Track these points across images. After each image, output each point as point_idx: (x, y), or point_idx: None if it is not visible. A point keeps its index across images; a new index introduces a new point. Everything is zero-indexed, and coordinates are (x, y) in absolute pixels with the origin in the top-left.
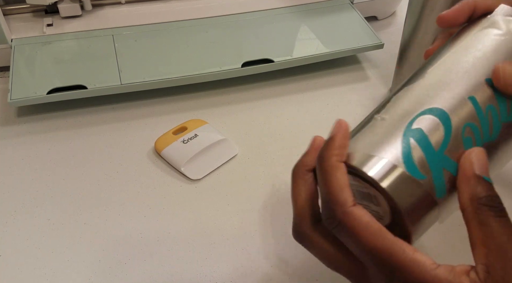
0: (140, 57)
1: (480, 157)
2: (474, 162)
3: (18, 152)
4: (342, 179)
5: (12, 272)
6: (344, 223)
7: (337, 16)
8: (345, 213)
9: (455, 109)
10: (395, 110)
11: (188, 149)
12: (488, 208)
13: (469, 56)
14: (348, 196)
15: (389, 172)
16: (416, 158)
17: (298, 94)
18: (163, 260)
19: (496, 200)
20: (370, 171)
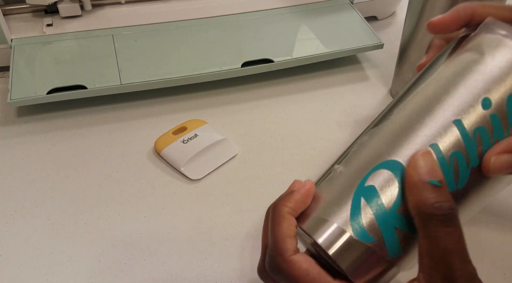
0: (140, 57)
1: (426, 160)
2: (420, 166)
3: (18, 152)
4: (288, 229)
5: (12, 272)
6: (285, 270)
7: (337, 16)
8: (284, 261)
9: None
10: (353, 162)
11: (188, 149)
12: (436, 217)
13: (438, 92)
14: (290, 245)
15: (334, 236)
16: (364, 220)
17: (298, 94)
18: (163, 260)
19: (446, 206)
20: (316, 236)
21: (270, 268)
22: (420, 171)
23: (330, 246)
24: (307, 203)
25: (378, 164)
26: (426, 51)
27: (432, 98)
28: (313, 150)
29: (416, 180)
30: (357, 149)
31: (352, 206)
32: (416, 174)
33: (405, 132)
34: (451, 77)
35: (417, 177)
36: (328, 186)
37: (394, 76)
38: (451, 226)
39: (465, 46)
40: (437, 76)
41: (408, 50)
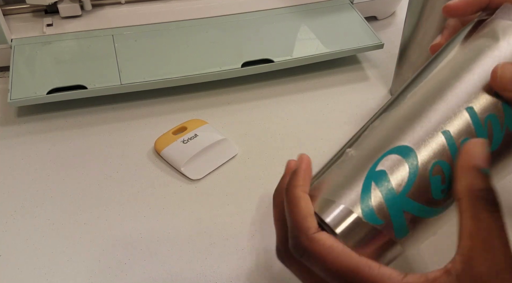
0: (140, 57)
1: (480, 148)
2: (475, 153)
3: (18, 152)
4: (306, 208)
5: (12, 272)
6: (309, 249)
7: (337, 16)
8: (308, 239)
9: (424, 146)
10: (364, 146)
11: (188, 149)
12: (484, 201)
13: (451, 78)
14: (311, 223)
15: (344, 218)
16: (374, 203)
17: (298, 94)
18: (163, 260)
19: (493, 194)
20: (326, 216)
21: (294, 249)
22: (477, 157)
23: (337, 225)
24: (311, 175)
25: (390, 149)
26: (442, 31)
27: (445, 84)
28: (313, 150)
29: (470, 165)
30: (368, 133)
31: (362, 189)
32: (473, 159)
33: (417, 118)
34: (465, 63)
35: (473, 162)
36: (339, 169)
37: (394, 76)
38: (497, 211)
39: (480, 31)
40: (451, 62)
41: (408, 50)
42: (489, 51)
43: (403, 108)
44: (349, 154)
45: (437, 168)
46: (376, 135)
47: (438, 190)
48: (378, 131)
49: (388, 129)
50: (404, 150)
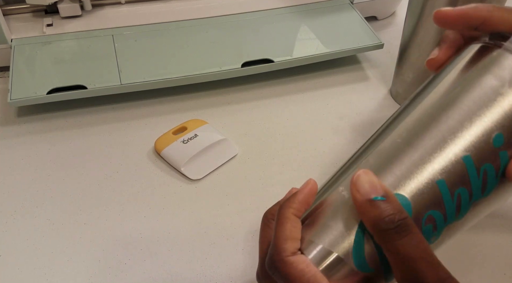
0: (140, 57)
1: (365, 178)
2: (361, 186)
3: (18, 152)
4: (291, 230)
5: (12, 272)
6: (280, 269)
7: (337, 16)
8: (281, 261)
9: (418, 196)
10: None
11: (188, 149)
12: (389, 231)
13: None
14: (290, 246)
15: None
16: (367, 253)
17: (298, 94)
18: (163, 260)
19: (396, 217)
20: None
21: (268, 266)
22: (362, 190)
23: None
24: (310, 203)
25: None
26: (439, 43)
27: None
28: (313, 150)
29: (361, 200)
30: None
31: (355, 238)
32: (360, 194)
33: (411, 163)
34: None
35: (361, 197)
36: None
37: (394, 76)
38: (406, 235)
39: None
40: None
41: (408, 50)
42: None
43: (395, 148)
44: (342, 194)
45: (430, 217)
46: None
47: (429, 237)
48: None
49: (381, 172)
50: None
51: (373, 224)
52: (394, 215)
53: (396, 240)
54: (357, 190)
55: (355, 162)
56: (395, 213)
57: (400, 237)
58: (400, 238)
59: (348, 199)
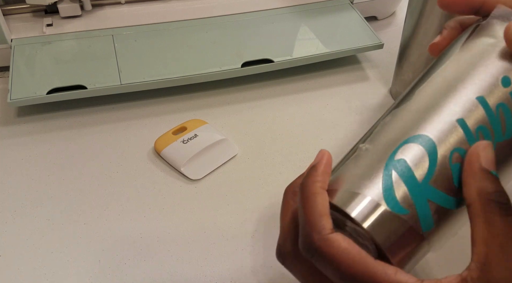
0: (140, 57)
1: (487, 151)
2: (481, 155)
3: (18, 152)
4: (323, 205)
5: (12, 272)
6: (322, 250)
7: (337, 16)
8: (322, 240)
9: (441, 134)
10: (379, 139)
11: (188, 149)
12: (496, 205)
13: (459, 73)
14: (326, 222)
15: (368, 209)
16: (397, 192)
17: (298, 94)
18: (163, 260)
19: (504, 196)
20: (349, 209)
21: (305, 248)
22: (484, 160)
23: (364, 219)
24: (329, 173)
25: (406, 138)
26: (441, 32)
27: (454, 78)
28: (313, 150)
29: (478, 168)
30: (380, 128)
31: (384, 178)
32: (479, 162)
33: (430, 109)
34: (470, 59)
35: (480, 165)
36: (355, 163)
37: (394, 76)
38: (510, 215)
39: (479, 32)
40: (456, 59)
41: (408, 50)
42: (491, 47)
43: (415, 102)
44: (364, 148)
45: (456, 155)
46: (390, 129)
47: (459, 177)
48: (391, 126)
49: (402, 122)
50: (421, 138)
51: (482, 191)
52: (503, 193)
53: (500, 215)
54: (478, 157)
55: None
56: (504, 192)
57: (505, 215)
58: (504, 215)
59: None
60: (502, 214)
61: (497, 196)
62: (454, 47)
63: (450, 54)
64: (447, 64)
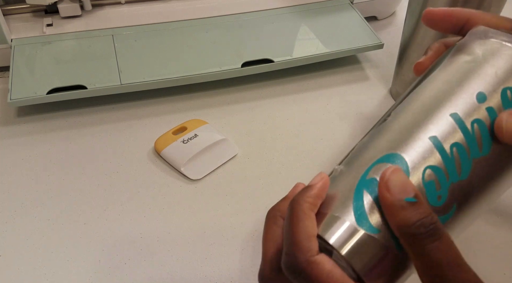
0: (140, 57)
1: (396, 177)
2: (392, 185)
3: (18, 152)
4: (311, 227)
5: (12, 272)
6: (306, 272)
7: (337, 16)
8: (307, 261)
9: (413, 152)
10: (354, 160)
11: (188, 149)
12: (421, 236)
13: (435, 91)
14: (313, 244)
15: (343, 234)
16: (368, 212)
17: (298, 94)
18: (163, 260)
19: (427, 221)
20: (327, 236)
21: (290, 268)
22: (393, 190)
23: (341, 246)
24: (323, 198)
25: (379, 158)
26: (425, 52)
27: (428, 97)
28: (313, 150)
29: (391, 201)
30: (357, 149)
31: (354, 199)
32: (390, 194)
33: (404, 128)
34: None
35: (391, 197)
36: (331, 185)
37: (394, 76)
38: (437, 239)
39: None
40: (433, 78)
41: (408, 50)
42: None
43: (390, 123)
44: (339, 170)
45: (429, 172)
46: (365, 149)
47: (434, 196)
48: (366, 146)
49: (376, 142)
50: (392, 157)
51: (401, 226)
52: (425, 218)
53: (427, 245)
54: (387, 189)
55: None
56: (426, 216)
57: (431, 241)
58: (431, 242)
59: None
60: (430, 242)
61: (418, 226)
62: (434, 66)
63: (429, 74)
64: (424, 84)
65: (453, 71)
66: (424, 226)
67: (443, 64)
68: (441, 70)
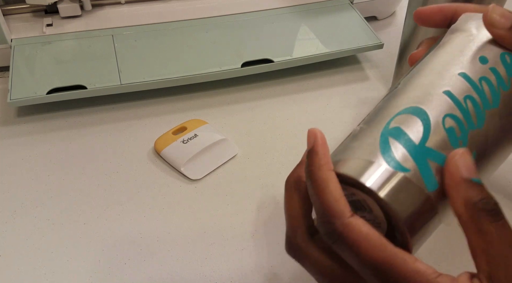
0: (140, 57)
1: (465, 158)
2: (460, 165)
3: (18, 152)
4: (336, 189)
5: (12, 272)
6: (344, 235)
7: (337, 16)
8: (344, 225)
9: (431, 104)
10: (372, 118)
11: (188, 149)
12: (485, 212)
13: (440, 58)
14: (344, 206)
15: (370, 172)
16: (396, 154)
17: (298, 94)
18: (163, 260)
19: (492, 202)
20: (353, 173)
21: (327, 234)
22: (463, 169)
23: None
24: (329, 150)
25: (398, 112)
26: (418, 46)
27: (437, 63)
28: None
29: (459, 179)
30: (372, 111)
31: (381, 144)
32: (459, 172)
33: (417, 87)
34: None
35: (460, 175)
36: (352, 140)
37: (394, 76)
38: (501, 219)
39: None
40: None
41: (408, 50)
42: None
43: (402, 87)
44: (359, 128)
45: (448, 120)
46: (381, 110)
47: (455, 140)
48: (381, 107)
49: (393, 102)
50: (412, 109)
51: (467, 202)
52: (490, 199)
53: (491, 222)
54: (456, 168)
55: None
56: (491, 198)
57: (495, 221)
58: (495, 221)
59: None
60: (492, 221)
61: (483, 204)
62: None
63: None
64: (428, 57)
65: (452, 44)
66: (489, 204)
67: (439, 44)
68: (440, 47)
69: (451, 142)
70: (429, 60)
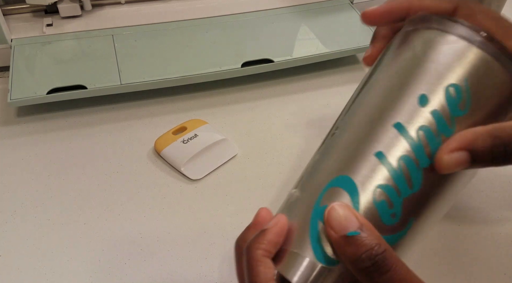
0: (140, 57)
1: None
2: (334, 223)
3: (18, 152)
4: (265, 273)
5: (12, 272)
6: None
7: (337, 16)
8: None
9: (360, 173)
10: (306, 184)
11: (188, 149)
12: (368, 268)
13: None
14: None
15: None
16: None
17: (298, 94)
18: (163, 260)
19: (373, 253)
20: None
21: None
22: (336, 227)
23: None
24: (280, 243)
25: (329, 182)
26: (371, 41)
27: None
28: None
29: (336, 238)
30: (309, 171)
31: (310, 231)
32: (333, 232)
33: (350, 145)
34: (387, 82)
35: (335, 234)
36: (289, 213)
37: None
38: (387, 270)
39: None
40: (375, 83)
41: None
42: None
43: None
44: (294, 196)
45: (379, 191)
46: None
47: (387, 215)
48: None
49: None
50: (342, 180)
51: (351, 262)
52: (369, 251)
53: (377, 278)
54: (330, 227)
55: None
56: (372, 247)
57: (381, 274)
58: (380, 275)
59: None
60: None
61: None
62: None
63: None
64: (367, 88)
65: (393, 73)
66: (370, 259)
67: (384, 62)
68: (382, 71)
69: (382, 219)
70: (367, 94)
